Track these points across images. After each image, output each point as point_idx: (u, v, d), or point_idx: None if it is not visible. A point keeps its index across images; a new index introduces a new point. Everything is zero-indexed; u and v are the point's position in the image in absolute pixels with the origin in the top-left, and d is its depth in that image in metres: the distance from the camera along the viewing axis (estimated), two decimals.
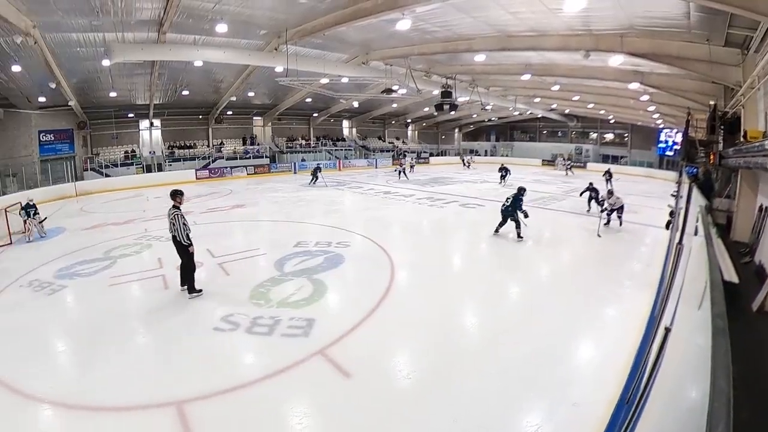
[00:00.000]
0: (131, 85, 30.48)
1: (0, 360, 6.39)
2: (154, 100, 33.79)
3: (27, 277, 10.55)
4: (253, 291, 8.48)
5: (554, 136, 55.65)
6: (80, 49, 21.71)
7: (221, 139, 41.55)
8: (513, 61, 23.08)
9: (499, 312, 7.41)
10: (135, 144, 38.30)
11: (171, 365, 6.02)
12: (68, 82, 26.20)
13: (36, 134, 32.44)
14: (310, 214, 17.17)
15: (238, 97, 35.17)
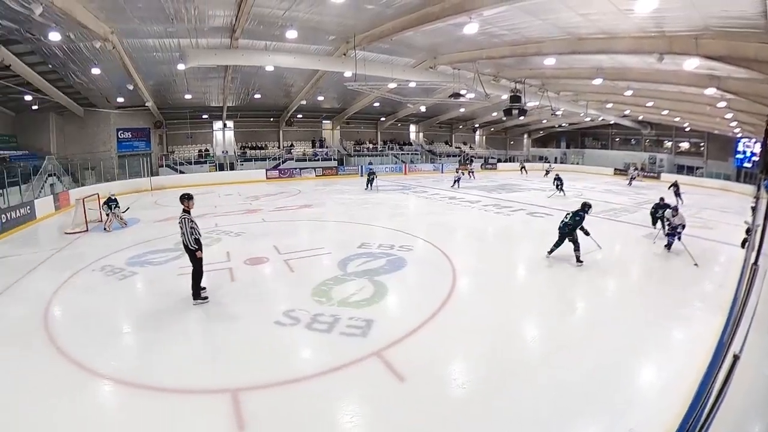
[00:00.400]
0: (205, 88, 32.01)
1: (70, 337, 7.04)
2: (228, 103, 35.29)
3: (100, 262, 11.51)
4: (316, 288, 8.71)
5: (627, 144, 53.09)
6: (156, 54, 23.03)
7: (291, 141, 42.84)
8: (584, 64, 22.38)
9: (560, 326, 7.14)
10: (208, 143, 40.25)
11: (230, 354, 6.32)
12: (145, 84, 27.92)
13: (114, 132, 35.24)
14: (374, 216, 17.39)
15: (308, 101, 36.12)
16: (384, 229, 14.71)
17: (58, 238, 15.27)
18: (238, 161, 38.90)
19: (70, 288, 9.71)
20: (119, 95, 31.13)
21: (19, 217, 17.99)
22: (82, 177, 31.12)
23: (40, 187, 24.90)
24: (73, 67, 24.65)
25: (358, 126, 46.50)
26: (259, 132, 41.95)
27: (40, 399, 5.33)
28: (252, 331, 7.04)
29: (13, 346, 6.90)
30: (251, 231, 14.94)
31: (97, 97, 31.78)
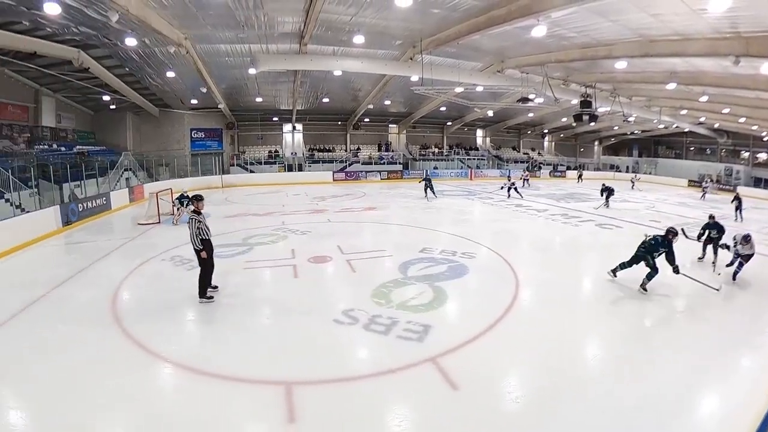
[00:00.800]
0: (275, 92, 33.04)
1: (135, 320, 7.54)
2: (297, 106, 36.26)
3: (170, 252, 12.20)
4: (376, 290, 8.72)
5: (702, 154, 50.25)
6: (228, 59, 23.96)
7: (358, 145, 43.51)
8: (656, 68, 21.42)
9: (623, 346, 6.67)
10: (278, 145, 41.63)
11: (288, 348, 6.45)
12: (218, 87, 29.13)
13: (188, 132, 37.34)
14: (438, 221, 17.26)
15: (375, 105, 36.53)
16: (447, 234, 14.57)
17: (131, 228, 16.30)
18: (306, 163, 40.02)
19: (140, 275, 10.30)
20: (193, 97, 32.73)
21: (95, 207, 19.32)
22: (157, 172, 32.93)
23: (116, 181, 26.57)
24: (149, 70, 26.12)
25: (424, 130, 46.56)
26: (326, 135, 42.92)
27: (104, 374, 5.74)
28: (311, 327, 7.16)
29: (81, 325, 7.46)
30: (317, 230, 15.29)
31: (171, 99, 33.55)
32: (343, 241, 13.41)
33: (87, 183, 23.05)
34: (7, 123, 26.95)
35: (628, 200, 25.89)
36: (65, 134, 32.20)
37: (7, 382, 5.73)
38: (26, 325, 7.57)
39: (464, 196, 26.55)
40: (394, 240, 13.99)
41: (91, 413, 4.94)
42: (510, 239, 14.33)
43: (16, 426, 4.81)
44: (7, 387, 5.63)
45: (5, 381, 5.75)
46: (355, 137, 43.81)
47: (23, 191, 18.33)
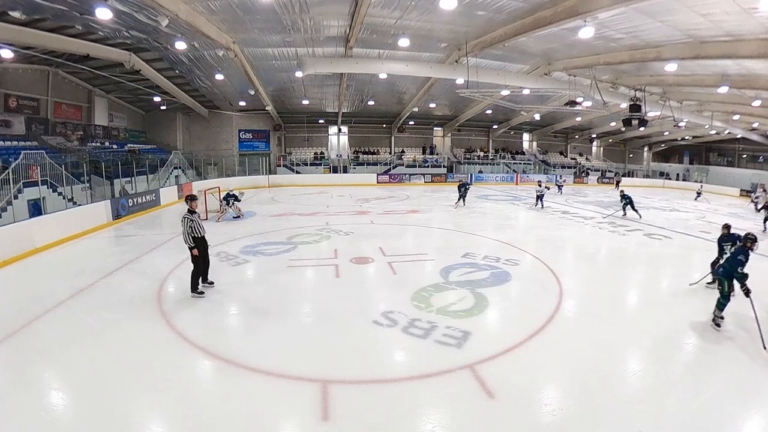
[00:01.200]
0: (322, 95, 33.54)
1: (179, 311, 7.95)
2: (343, 109, 36.78)
3: (216, 248, 12.52)
4: (416, 293, 8.74)
5: (755, 162, 47.67)
6: (275, 62, 24.43)
7: (402, 147, 43.64)
8: (708, 71, 20.63)
9: (669, 365, 6.27)
10: (324, 147, 42.25)
11: (326, 346, 6.57)
12: (265, 89, 29.77)
13: (236, 132, 38.58)
14: (481, 226, 17.12)
15: (420, 108, 36.58)
16: (490, 240, 14.43)
17: (178, 224, 16.64)
18: (351, 165, 40.51)
19: (185, 269, 10.62)
20: (241, 99, 33.61)
21: (144, 202, 20.17)
22: (205, 171, 33.97)
23: (166, 178, 27.55)
24: (198, 73, 26.94)
25: (469, 133, 46.26)
26: (371, 137, 43.26)
27: (145, 362, 6.07)
28: (350, 327, 7.27)
29: (126, 313, 7.89)
30: (360, 231, 15.52)
31: (220, 100, 34.53)
32: (386, 243, 13.55)
33: (137, 179, 24.09)
34: (61, 121, 28.36)
35: (678, 209, 24.96)
36: (117, 133, 33.61)
37: (51, 364, 6.11)
38: (73, 311, 8.05)
39: (509, 201, 26.24)
40: (436, 244, 13.98)
41: (128, 399, 5.19)
42: (555, 247, 14.03)
43: (56, 406, 5.14)
44: (50, 369, 6.01)
45: (49, 363, 6.13)
46: (400, 140, 43.96)
47: (75, 185, 19.36)
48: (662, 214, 21.93)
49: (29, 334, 7.06)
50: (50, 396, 5.35)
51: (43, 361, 6.18)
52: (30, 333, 7.11)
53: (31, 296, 8.87)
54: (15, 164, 16.71)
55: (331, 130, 42.44)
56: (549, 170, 45.82)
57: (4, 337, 6.89)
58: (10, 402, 5.15)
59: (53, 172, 18.36)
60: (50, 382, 5.72)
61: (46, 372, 5.94)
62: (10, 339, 6.85)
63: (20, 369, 5.95)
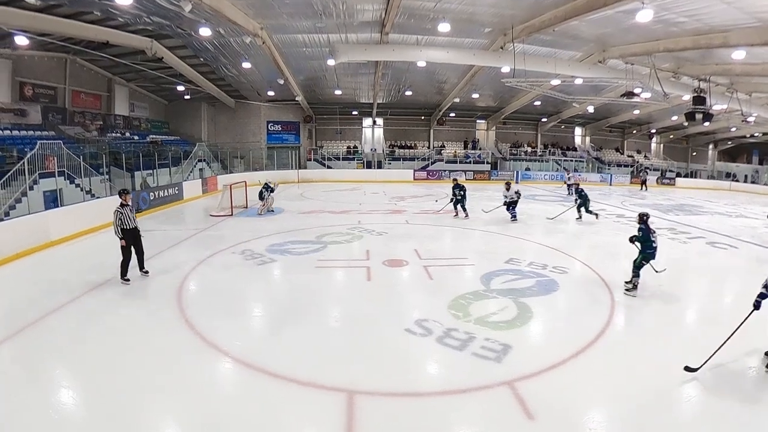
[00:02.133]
0: (355, 84, 33.70)
1: (199, 310, 8.14)
2: (378, 99, 36.81)
3: (241, 246, 12.98)
4: (454, 301, 8.70)
5: None
6: (306, 49, 24.69)
7: (442, 141, 43.52)
8: None
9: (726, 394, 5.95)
10: (357, 140, 42.55)
11: (354, 354, 6.63)
12: (295, 78, 30.11)
13: (264, 124, 39.31)
14: (527, 230, 16.88)
15: (462, 99, 36.39)
16: (537, 245, 14.25)
17: (202, 219, 17.42)
18: (385, 160, 40.65)
19: (208, 266, 11.05)
20: (270, 89, 34.05)
21: (166, 196, 20.73)
22: (231, 164, 34.64)
23: (190, 171, 28.23)
24: (224, 61, 27.42)
25: (515, 127, 45.78)
26: (408, 130, 43.27)
27: (161, 362, 6.29)
28: (380, 334, 7.32)
29: (145, 311, 8.22)
30: (394, 232, 15.60)
31: (247, 90, 35.07)
32: (422, 245, 13.53)
33: (159, 172, 24.74)
34: (79, 110, 29.29)
35: (745, 215, 24.10)
36: (138, 123, 34.55)
37: (62, 361, 6.37)
38: (88, 307, 8.36)
39: (558, 203, 25.75)
40: (477, 247, 13.93)
41: (142, 400, 5.36)
42: (608, 254, 13.71)
43: (66, 405, 5.34)
44: (61, 366, 6.27)
45: (61, 360, 6.40)
46: (439, 133, 43.82)
47: (94, 177, 20.03)
48: (728, 221, 21.20)
49: (41, 329, 7.37)
50: (60, 394, 5.57)
51: (54, 358, 6.45)
52: (42, 328, 7.43)
53: (44, 290, 9.26)
54: (31, 154, 17.33)
55: (366, 122, 42.69)
56: (603, 168, 44.79)
57: (15, 331, 7.20)
58: (18, 398, 5.37)
59: (71, 163, 18.97)
60: (60, 379, 5.96)
61: (57, 369, 6.19)
62: (21, 333, 7.16)
63: (30, 365, 6.22)
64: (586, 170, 43.57)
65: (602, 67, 23.74)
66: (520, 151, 44.49)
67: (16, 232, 12.10)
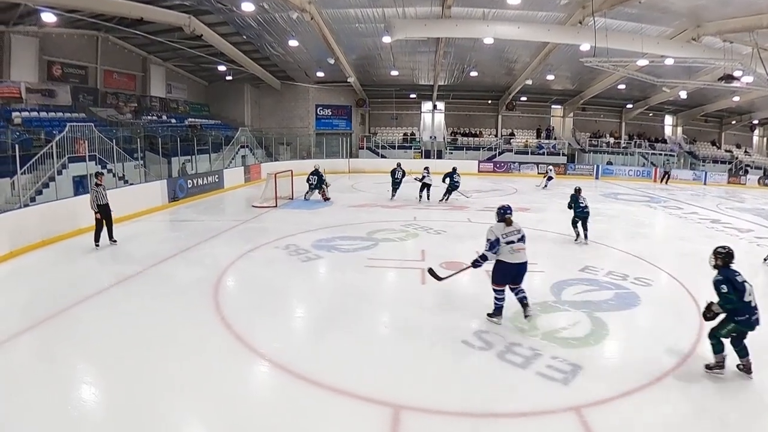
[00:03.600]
0: (414, 64, 33.72)
1: (237, 309, 8.41)
2: (439, 81, 36.76)
3: (285, 240, 13.34)
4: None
5: None
6: (359, 25, 24.84)
7: (511, 129, 43.10)
8: None
9: None
10: (415, 126, 42.64)
11: (403, 365, 6.70)
12: (347, 58, 30.36)
13: (313, 108, 39.91)
14: (608, 233, 16.45)
15: (535, 81, 35.82)
16: (618, 251, 13.95)
17: (244, 210, 18.01)
18: (446, 149, 40.58)
19: (248, 261, 11.45)
20: (319, 69, 34.44)
21: (206, 184, 21.42)
22: (276, 152, 35.38)
23: (231, 158, 29.01)
24: (269, 39, 27.91)
25: (596, 113, 44.65)
26: (473, 116, 43.06)
27: (193, 362, 6.54)
28: (434, 345, 7.32)
29: (177, 305, 8.53)
30: (453, 230, 15.64)
31: (295, 71, 35.57)
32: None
33: (198, 158, 25.47)
34: (112, 91, 30.44)
35: None
36: (176, 105, 35.64)
37: (85, 356, 6.72)
38: (116, 300, 8.80)
39: (645, 203, 25.15)
40: (548, 252, 13.68)
41: (168, 399, 5.63)
42: (699, 266, 13.00)
43: (86, 402, 5.64)
44: (84, 361, 6.61)
45: (84, 355, 6.75)
46: (509, 120, 43.38)
47: (128, 163, 20.84)
48: None
49: (65, 321, 7.79)
50: (81, 391, 5.87)
51: (76, 351, 6.82)
52: (66, 320, 7.84)
53: (70, 280, 9.83)
54: (59, 137, 18.11)
55: (425, 106, 42.67)
56: (697, 165, 42.75)
57: (37, 322, 7.63)
58: (36, 393, 5.67)
59: (103, 147, 19.80)
60: (82, 375, 6.29)
61: (80, 364, 6.54)
62: (43, 324, 7.58)
63: (51, 358, 6.57)
64: (677, 166, 41.63)
65: (696, 45, 22.98)
66: (601, 142, 43.40)
67: (42, 218, 12.82)
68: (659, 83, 30.84)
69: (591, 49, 21.51)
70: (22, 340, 7.15)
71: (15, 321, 7.73)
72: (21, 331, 7.36)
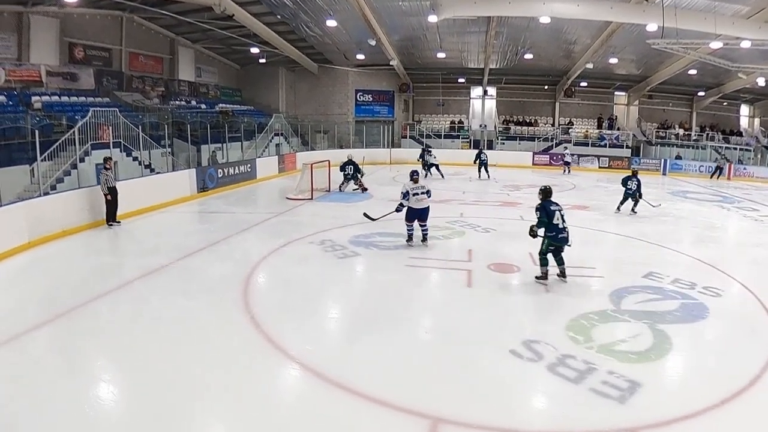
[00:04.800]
0: (462, 46, 33.63)
1: (268, 307, 8.60)
2: (490, 64, 36.62)
3: (320, 235, 13.54)
4: (573, 321, 8.54)
5: None
6: (402, 3, 24.90)
7: (570, 118, 42.68)
8: None
9: None
10: (463, 114, 42.60)
11: (444, 374, 6.68)
12: (389, 39, 30.40)
13: (352, 93, 40.09)
14: (674, 236, 16.17)
15: (596, 65, 35.23)
16: (685, 257, 13.61)
17: (277, 202, 18.38)
18: (498, 139, 40.38)
19: (281, 257, 11.68)
20: (359, 51, 34.54)
21: (237, 174, 21.82)
22: (313, 140, 35.67)
23: (265, 146, 29.46)
24: (305, 18, 28.10)
25: (664, 101, 43.71)
26: (528, 103, 42.79)
27: (220, 362, 6.66)
28: (478, 353, 7.29)
29: (205, 302, 8.70)
30: (504, 229, 15.58)
31: (333, 53, 35.74)
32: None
33: (229, 146, 25.87)
34: (138, 75, 31.05)
35: None
36: (206, 90, 36.24)
37: (105, 352, 6.94)
38: (140, 294, 9.06)
39: (716, 203, 24.53)
40: (608, 255, 13.68)
41: (192, 401, 5.74)
42: None
43: (103, 401, 5.78)
44: (104, 357, 6.82)
45: (103, 351, 6.97)
46: (567, 107, 42.89)
47: (154, 150, 21.32)
48: None
49: (85, 315, 8.04)
50: (98, 388, 6.01)
51: (96, 348, 7.03)
52: (86, 314, 8.10)
53: (91, 272, 10.18)
54: (82, 123, 18.60)
55: (474, 92, 42.48)
56: None
57: (55, 315, 7.88)
58: (50, 388, 5.84)
59: (128, 134, 20.28)
60: (101, 372, 6.46)
61: (98, 360, 6.74)
62: (62, 318, 7.83)
63: (68, 353, 6.82)
64: (753, 162, 39.66)
65: None
66: (669, 134, 42.42)
67: (63, 207, 13.26)
68: (734, 69, 30.16)
69: (658, 30, 21.17)
70: (39, 334, 7.37)
71: (32, 314, 8.02)
72: (38, 324, 7.59)
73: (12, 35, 24.86)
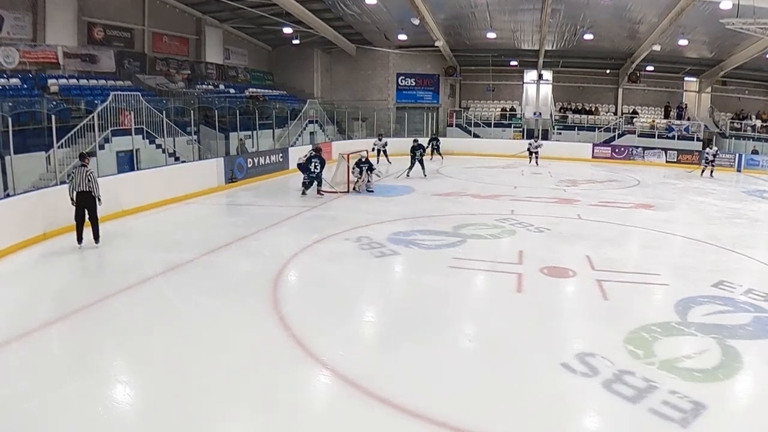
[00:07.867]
0: (515, 25, 33.33)
1: (298, 307, 8.72)
2: (546, 46, 36.22)
3: (357, 231, 13.67)
4: (633, 333, 8.42)
5: None
6: None
7: (634, 106, 42.04)
8: None
9: None
10: (516, 100, 42.33)
11: (488, 387, 6.65)
12: (434, 18, 30.34)
13: (394, 77, 39.87)
14: (750, 240, 15.78)
15: (664, 47, 34.54)
16: (761, 265, 13.24)
17: (311, 195, 18.63)
18: (554, 128, 39.93)
19: (313, 254, 11.80)
20: (401, 31, 34.46)
21: (268, 164, 22.09)
22: (350, 128, 35.77)
23: (298, 134, 29.70)
24: None
25: (740, 89, 42.37)
26: (588, 89, 42.24)
27: (245, 365, 6.77)
28: (525, 366, 7.25)
29: (230, 301, 8.85)
30: (559, 228, 15.44)
31: (372, 33, 35.69)
32: (596, 250, 13.17)
33: (260, 134, 26.08)
34: (162, 57, 31.40)
35: None
36: (235, 73, 36.57)
37: (122, 352, 7.09)
38: (161, 291, 9.27)
39: None
40: (674, 261, 13.30)
41: (214, 407, 5.79)
42: None
43: (118, 403, 5.91)
44: (121, 357, 6.99)
45: (121, 350, 7.13)
46: (631, 94, 42.29)
47: (179, 137, 21.62)
48: None
49: (102, 313, 8.22)
50: (114, 389, 6.15)
51: (113, 347, 7.19)
52: (104, 311, 8.28)
53: (109, 267, 10.46)
54: (102, 107, 18.91)
55: (528, 76, 42.11)
56: None
57: (70, 311, 8.09)
58: (64, 387, 5.99)
59: (151, 120, 20.65)
60: (117, 373, 6.61)
61: (115, 360, 6.90)
62: (77, 315, 8.04)
63: (83, 351, 6.99)
64: None
65: None
66: (746, 125, 41.29)
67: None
68: None
69: (734, 8, 20.85)
70: (53, 330, 7.59)
71: (46, 310, 8.28)
72: (52, 320, 7.82)
73: (27, 14, 25.03)
